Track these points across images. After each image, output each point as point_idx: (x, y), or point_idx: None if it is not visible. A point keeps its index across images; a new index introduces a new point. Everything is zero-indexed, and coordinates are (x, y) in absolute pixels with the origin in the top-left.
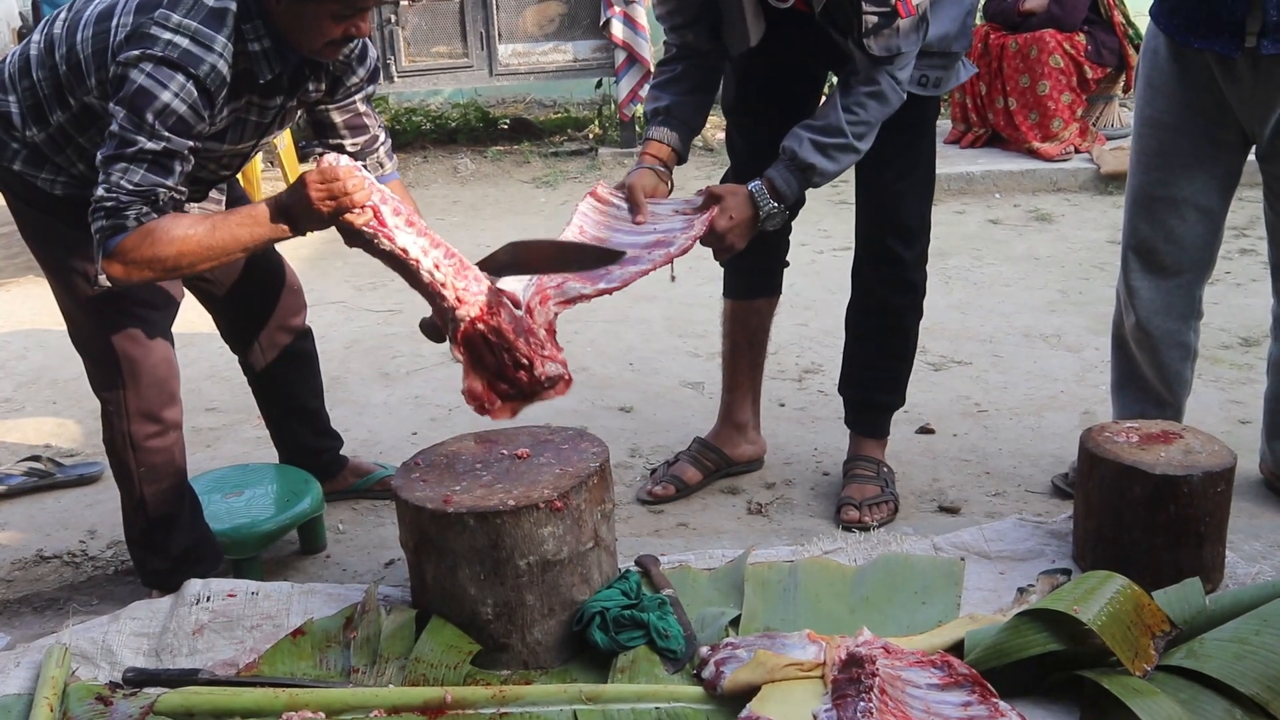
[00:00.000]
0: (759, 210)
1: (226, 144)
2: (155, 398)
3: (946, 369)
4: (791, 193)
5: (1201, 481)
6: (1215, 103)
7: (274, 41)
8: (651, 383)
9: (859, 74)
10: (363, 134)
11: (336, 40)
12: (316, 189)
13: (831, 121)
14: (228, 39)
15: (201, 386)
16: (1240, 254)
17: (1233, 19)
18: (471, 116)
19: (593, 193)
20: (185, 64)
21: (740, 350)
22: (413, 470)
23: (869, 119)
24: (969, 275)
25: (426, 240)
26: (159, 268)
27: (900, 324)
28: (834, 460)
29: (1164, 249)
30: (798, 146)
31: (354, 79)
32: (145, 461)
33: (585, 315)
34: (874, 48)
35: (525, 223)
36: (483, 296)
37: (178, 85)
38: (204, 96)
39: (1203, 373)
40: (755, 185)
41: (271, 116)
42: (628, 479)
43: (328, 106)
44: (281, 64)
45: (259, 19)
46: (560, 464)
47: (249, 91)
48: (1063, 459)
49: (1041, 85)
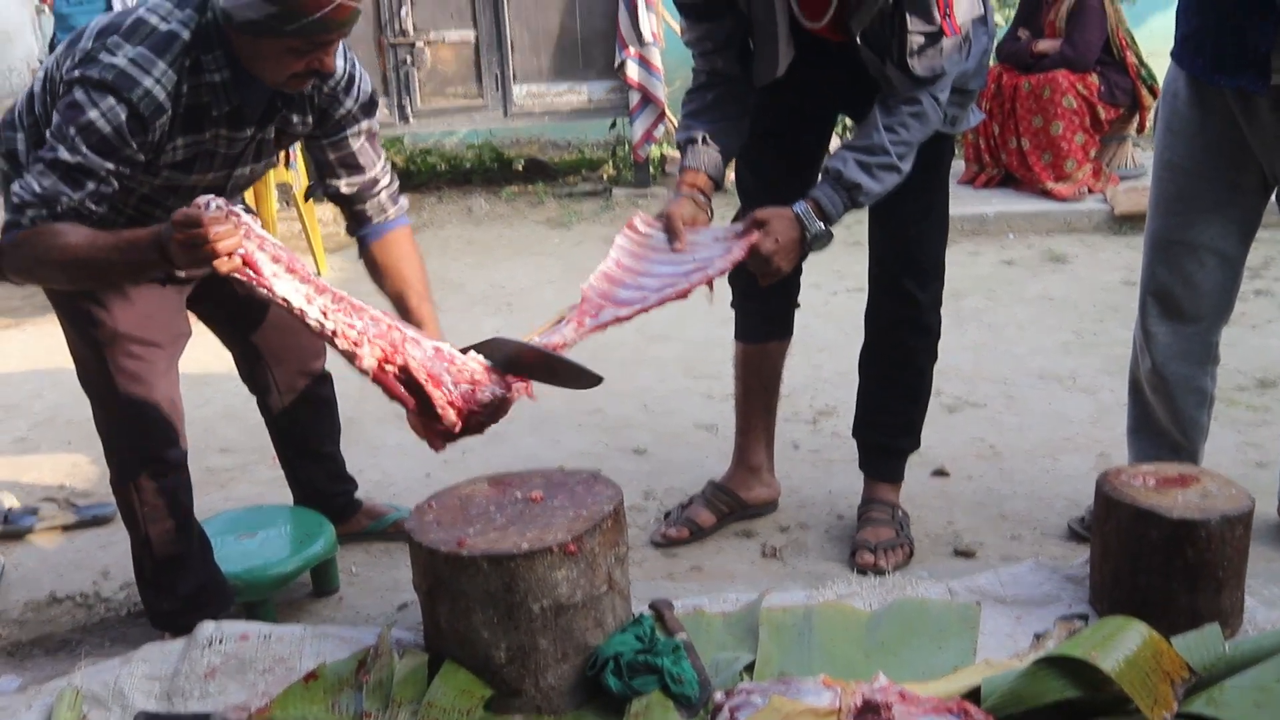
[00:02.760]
0: (805, 231)
1: (195, 174)
2: (158, 438)
3: (961, 411)
4: (836, 213)
5: (1219, 526)
6: (1236, 146)
7: (235, 73)
8: (666, 424)
9: (899, 94)
10: (359, 174)
11: (300, 74)
12: (177, 234)
13: (875, 141)
14: (169, 65)
15: (216, 426)
16: (1255, 295)
17: (1258, 55)
18: (486, 157)
19: (629, 225)
20: (119, 87)
21: (753, 393)
22: (426, 513)
23: (910, 139)
24: (983, 316)
25: (310, 287)
26: (40, 271)
27: (915, 366)
28: (849, 503)
29: (1182, 294)
30: (843, 166)
31: (341, 111)
32: (149, 501)
33: (600, 356)
34: (918, 68)
35: (540, 263)
36: (381, 340)
37: (106, 106)
38: (134, 121)
39: (1218, 415)
40: (800, 206)
41: (242, 148)
42: (641, 522)
43: (320, 141)
44: (242, 96)
45: (220, 49)
46: (574, 507)
47: (214, 124)
48: (1079, 502)
49: (1055, 126)
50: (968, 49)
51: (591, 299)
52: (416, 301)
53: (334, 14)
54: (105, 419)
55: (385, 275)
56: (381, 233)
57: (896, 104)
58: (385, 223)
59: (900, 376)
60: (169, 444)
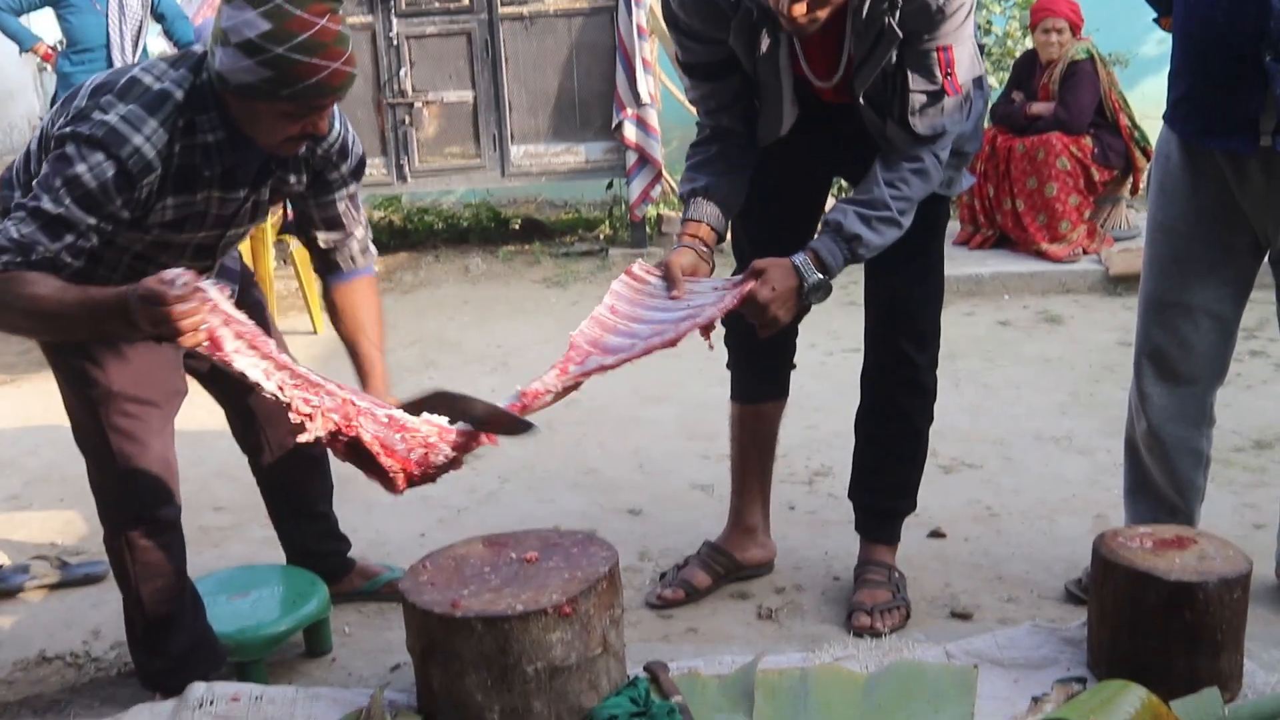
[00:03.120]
0: (803, 281)
1: (185, 233)
2: (151, 497)
3: (957, 472)
4: (836, 265)
5: (1217, 588)
6: (1228, 208)
7: (229, 134)
8: (661, 485)
9: (900, 151)
10: (338, 231)
11: (294, 137)
12: (140, 310)
13: (876, 195)
14: (160, 124)
15: (211, 484)
16: (1251, 356)
17: (1246, 117)
18: (483, 216)
19: (628, 271)
20: (108, 144)
21: (749, 454)
22: (420, 573)
23: (911, 194)
24: (979, 377)
25: (270, 364)
26: (4, 317)
27: (912, 428)
28: (845, 565)
29: (1177, 356)
30: (843, 218)
31: (335, 174)
32: (141, 560)
33: (594, 416)
34: (919, 126)
35: (536, 322)
36: (335, 414)
37: (94, 161)
38: (121, 177)
39: (1215, 476)
40: (799, 257)
41: (235, 208)
42: (637, 583)
43: (308, 200)
44: (236, 157)
45: (214, 111)
46: (569, 568)
47: (206, 185)
48: (1076, 564)
49: (1049, 187)
50: (968, 108)
51: (580, 346)
52: (368, 349)
53: (329, 79)
54: (99, 477)
55: (343, 320)
56: (347, 279)
57: (898, 160)
58: (353, 270)
59: (897, 438)
60: (162, 503)
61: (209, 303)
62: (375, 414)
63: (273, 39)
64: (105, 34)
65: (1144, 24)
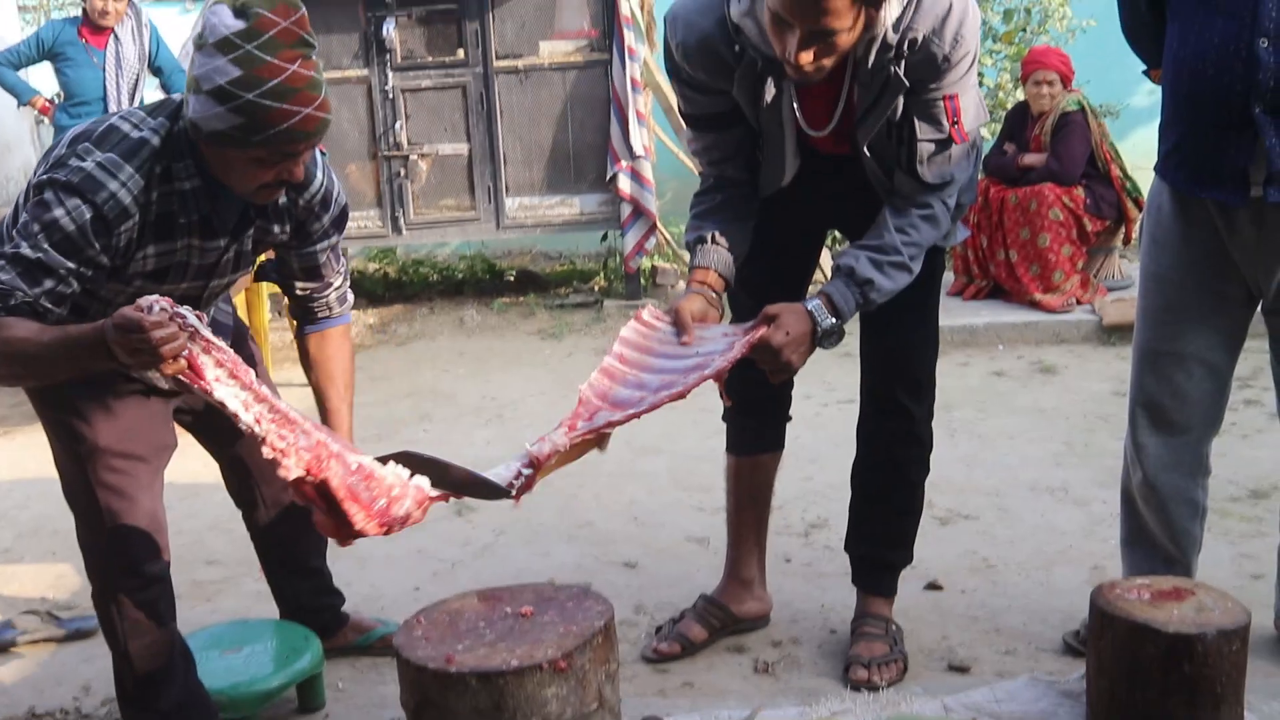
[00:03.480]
0: (817, 326)
1: (168, 284)
2: (138, 552)
3: (953, 523)
4: (848, 310)
5: (1216, 640)
6: (1219, 257)
7: (205, 182)
8: (656, 537)
9: (909, 198)
10: (317, 280)
11: (269, 185)
12: (117, 340)
13: (886, 241)
14: (136, 170)
15: (204, 538)
16: (1245, 405)
17: (1236, 169)
18: (478, 268)
19: (637, 316)
20: (84, 189)
21: (744, 506)
22: (414, 628)
23: (921, 240)
24: (974, 428)
25: (250, 395)
26: None
27: (908, 480)
28: (841, 617)
29: (1171, 405)
30: (855, 263)
31: (317, 225)
32: (129, 616)
33: (589, 469)
34: (928, 175)
35: (531, 375)
36: (308, 454)
37: (72, 206)
38: (98, 222)
39: (1212, 526)
40: (813, 302)
41: (216, 258)
42: (632, 637)
43: (291, 250)
44: (213, 204)
45: (190, 158)
46: (564, 622)
47: (185, 233)
48: (1073, 615)
49: (1042, 238)
50: (975, 156)
51: (589, 400)
52: (337, 401)
53: (301, 125)
54: (86, 533)
55: (314, 367)
56: (322, 327)
57: (907, 207)
58: (328, 319)
59: (894, 490)
60: (150, 558)
61: (188, 329)
62: (346, 459)
63: (243, 85)
64: (102, 87)
65: (1134, 76)
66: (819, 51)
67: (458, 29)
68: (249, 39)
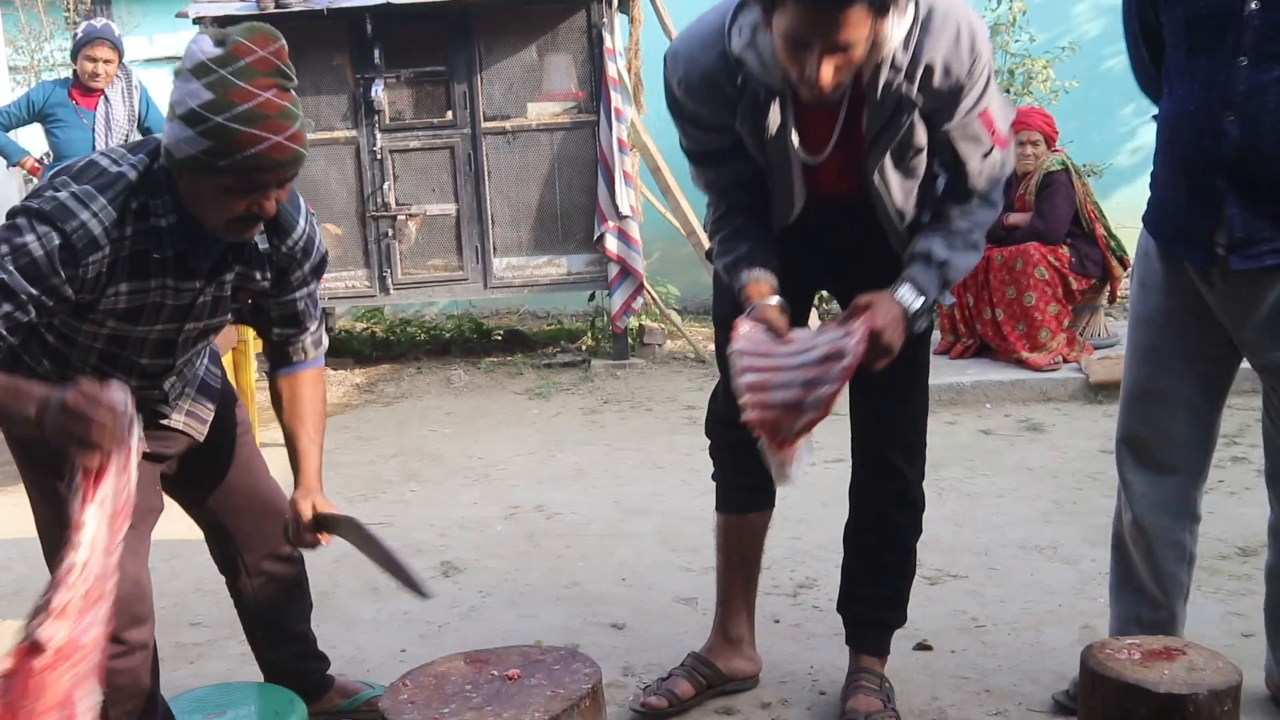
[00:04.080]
0: (907, 310)
1: (142, 325)
2: (120, 619)
3: (942, 583)
4: (932, 291)
5: (1208, 700)
6: (1199, 307)
7: (182, 219)
8: (644, 599)
9: (964, 191)
10: (294, 326)
11: (240, 217)
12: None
13: (955, 225)
14: (109, 202)
15: (188, 600)
16: (1233, 462)
17: (1203, 233)
18: (465, 328)
19: (735, 328)
20: (55, 217)
21: (734, 565)
22: (400, 691)
23: (983, 222)
24: (962, 487)
25: (101, 545)
26: None
27: (902, 542)
28: (830, 679)
29: (1155, 444)
30: (931, 246)
31: (298, 273)
32: (112, 683)
33: (577, 529)
34: (981, 185)
35: (518, 434)
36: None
37: (41, 232)
38: (65, 251)
39: (1201, 584)
40: (900, 288)
41: (191, 299)
42: (620, 699)
43: (269, 297)
44: (189, 243)
45: (168, 195)
46: (552, 685)
47: (160, 272)
48: (1063, 675)
49: (1028, 297)
50: (1012, 149)
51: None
52: (306, 442)
53: (270, 152)
54: None
55: (286, 410)
56: (296, 369)
57: (965, 196)
58: (302, 362)
59: (888, 551)
60: (133, 624)
61: (126, 438)
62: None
63: (213, 108)
64: (92, 148)
65: (1116, 136)
66: (837, 69)
67: (446, 90)
68: (224, 64)
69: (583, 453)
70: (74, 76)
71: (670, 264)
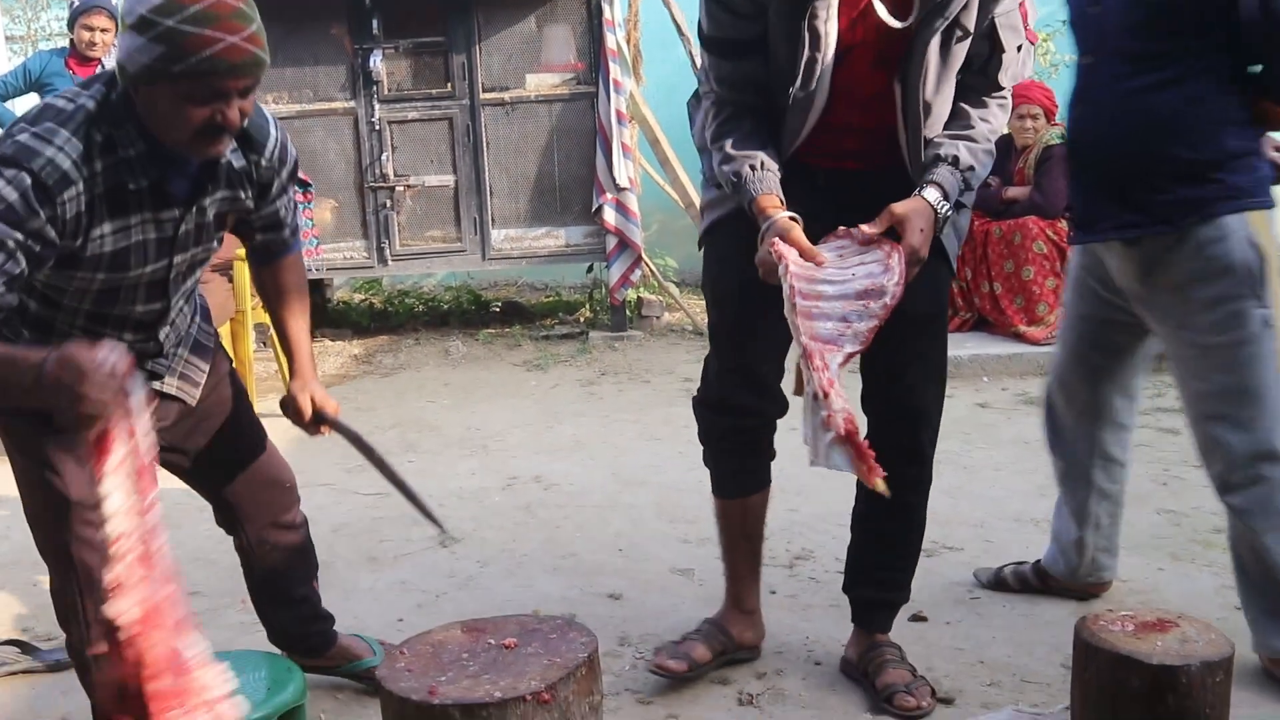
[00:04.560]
0: (938, 214)
1: (132, 269)
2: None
3: (939, 555)
4: (954, 196)
5: (1200, 671)
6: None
7: (148, 146)
8: (641, 569)
9: (977, 93)
10: (275, 230)
11: (203, 130)
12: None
13: (977, 130)
14: (72, 134)
15: (186, 569)
16: None
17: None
18: (464, 299)
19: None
20: (19, 158)
21: (737, 544)
22: (397, 659)
23: (998, 127)
24: (959, 459)
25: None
26: None
27: (917, 524)
28: (826, 650)
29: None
30: (957, 151)
31: (278, 182)
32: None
33: (574, 500)
34: (1006, 80)
35: (516, 405)
36: (138, 609)
37: (10, 175)
38: (39, 190)
39: (1195, 557)
40: (931, 194)
41: (173, 230)
42: (616, 668)
43: (253, 214)
44: (162, 170)
45: (131, 123)
46: (548, 654)
47: (138, 205)
48: (1058, 647)
49: (1026, 270)
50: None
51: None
52: (297, 332)
53: (225, 54)
54: (61, 586)
55: (273, 299)
56: (280, 257)
57: (980, 97)
58: (284, 250)
59: (902, 535)
60: None
61: (127, 400)
62: (176, 641)
63: (163, 12)
64: None
65: None
66: None
67: (445, 62)
68: None
69: (580, 424)
70: (71, 46)
71: (668, 236)
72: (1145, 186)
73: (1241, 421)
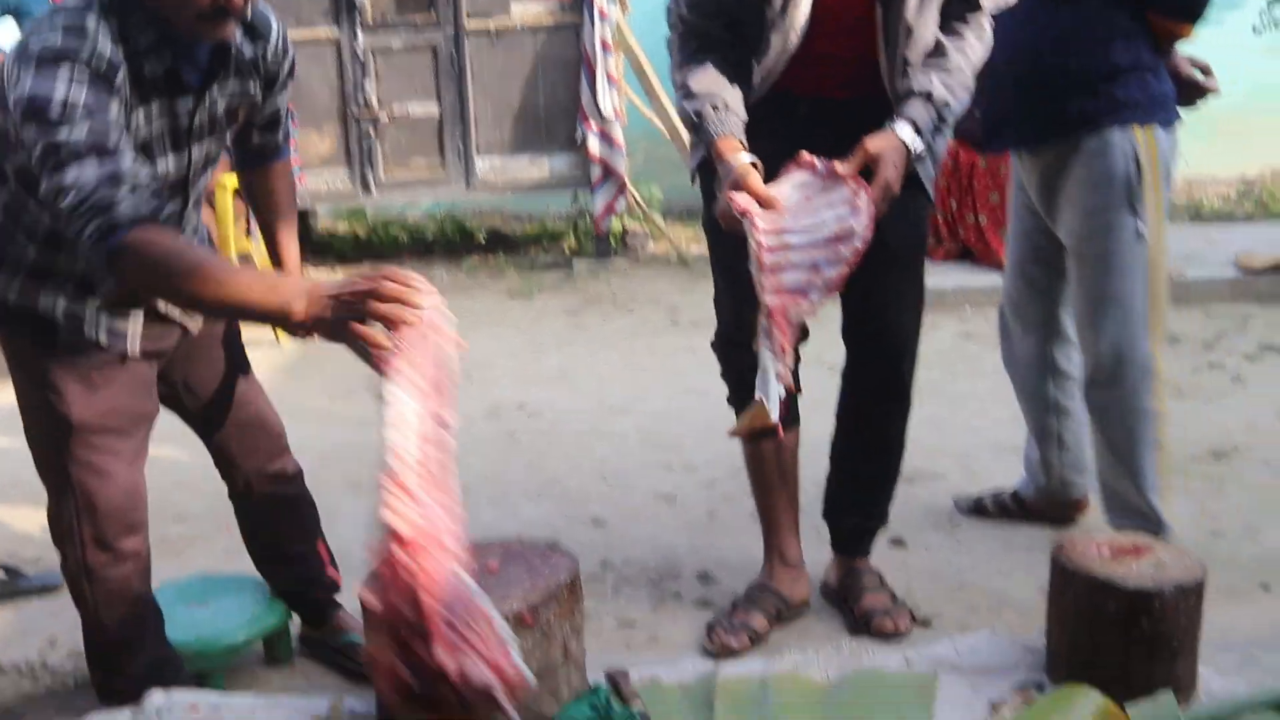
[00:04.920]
0: (910, 152)
1: (157, 164)
2: (112, 528)
3: (920, 482)
4: (929, 132)
5: (1173, 595)
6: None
7: (160, 33)
8: (624, 496)
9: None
10: (272, 130)
11: (205, 12)
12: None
13: (953, 62)
14: (101, 20)
15: (171, 495)
16: (1209, 369)
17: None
18: (448, 229)
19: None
20: (66, 54)
21: (774, 487)
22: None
23: (975, 60)
24: (942, 389)
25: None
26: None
27: (895, 450)
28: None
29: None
30: (931, 86)
31: (282, 74)
32: (101, 590)
33: (557, 427)
34: (989, 2)
35: (500, 334)
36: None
37: (65, 74)
38: (98, 79)
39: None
40: (904, 130)
41: (188, 120)
42: (599, 592)
43: (257, 109)
44: (174, 56)
45: (138, 12)
46: (530, 577)
47: (156, 92)
48: (1034, 571)
49: None
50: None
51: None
52: (285, 237)
53: None
54: (59, 510)
55: (263, 203)
56: (270, 162)
57: (957, 26)
58: (275, 155)
59: (882, 462)
60: (127, 533)
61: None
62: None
63: None
64: None
65: None
66: None
67: None
68: None
69: (565, 353)
70: None
71: (653, 165)
72: (1041, 98)
73: (1106, 328)
